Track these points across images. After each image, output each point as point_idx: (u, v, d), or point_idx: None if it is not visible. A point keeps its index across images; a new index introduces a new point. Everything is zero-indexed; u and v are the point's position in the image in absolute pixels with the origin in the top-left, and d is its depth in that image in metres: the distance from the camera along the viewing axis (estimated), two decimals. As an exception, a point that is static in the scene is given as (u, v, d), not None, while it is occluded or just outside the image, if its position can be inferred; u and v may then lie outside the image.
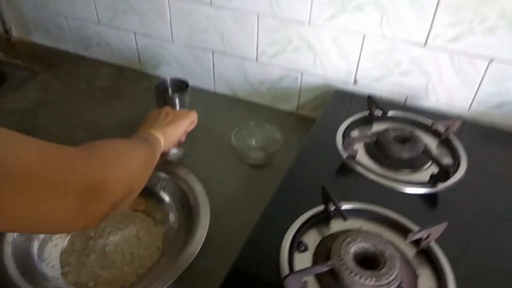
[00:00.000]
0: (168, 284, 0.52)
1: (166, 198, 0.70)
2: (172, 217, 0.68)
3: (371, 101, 0.78)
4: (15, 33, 1.25)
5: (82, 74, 1.10)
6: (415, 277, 0.52)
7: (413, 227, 0.58)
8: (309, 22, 0.83)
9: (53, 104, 0.98)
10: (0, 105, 0.96)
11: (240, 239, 0.66)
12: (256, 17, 0.87)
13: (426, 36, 0.76)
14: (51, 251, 0.62)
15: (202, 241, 0.58)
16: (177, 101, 0.86)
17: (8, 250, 0.55)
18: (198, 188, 0.66)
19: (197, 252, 0.56)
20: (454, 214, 0.61)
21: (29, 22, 1.20)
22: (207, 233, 0.60)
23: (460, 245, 0.57)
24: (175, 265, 0.54)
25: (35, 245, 0.61)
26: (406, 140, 0.71)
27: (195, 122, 0.77)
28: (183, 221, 0.66)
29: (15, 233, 0.58)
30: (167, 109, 0.75)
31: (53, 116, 0.94)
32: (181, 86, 0.89)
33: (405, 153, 0.69)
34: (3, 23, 1.21)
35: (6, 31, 1.23)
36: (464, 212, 0.61)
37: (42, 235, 0.62)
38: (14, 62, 1.14)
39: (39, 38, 1.23)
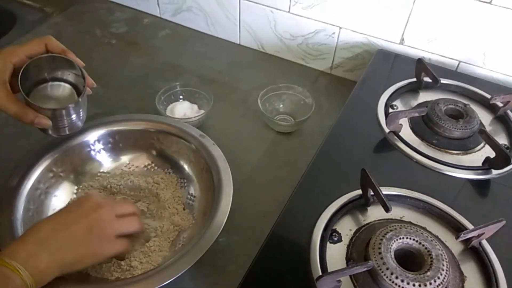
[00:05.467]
0: (188, 267, 0.48)
1: (184, 166, 0.64)
2: (191, 187, 0.62)
3: (421, 66, 0.68)
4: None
5: (96, 18, 1.01)
6: (461, 279, 0.46)
7: (462, 219, 0.51)
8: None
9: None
10: (10, 51, 0.89)
11: (263, 215, 0.61)
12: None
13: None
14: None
15: (224, 221, 0.52)
16: (65, 120, 0.46)
17: (18, 227, 0.51)
18: (220, 160, 0.60)
19: (219, 232, 0.51)
20: (509, 207, 0.54)
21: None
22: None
23: (516, 244, 0.50)
24: (195, 247, 0.49)
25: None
26: (459, 115, 0.62)
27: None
28: (203, 193, 0.60)
29: (23, 209, 0.53)
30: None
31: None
32: (63, 72, 0.50)
33: (457, 131, 0.60)
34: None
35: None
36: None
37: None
38: (25, 2, 1.05)
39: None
